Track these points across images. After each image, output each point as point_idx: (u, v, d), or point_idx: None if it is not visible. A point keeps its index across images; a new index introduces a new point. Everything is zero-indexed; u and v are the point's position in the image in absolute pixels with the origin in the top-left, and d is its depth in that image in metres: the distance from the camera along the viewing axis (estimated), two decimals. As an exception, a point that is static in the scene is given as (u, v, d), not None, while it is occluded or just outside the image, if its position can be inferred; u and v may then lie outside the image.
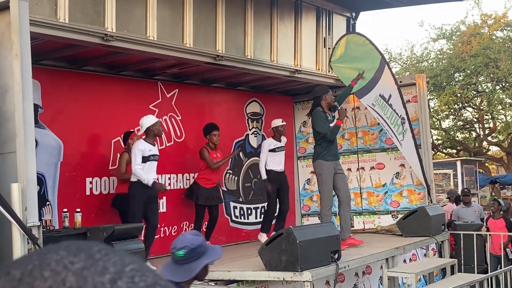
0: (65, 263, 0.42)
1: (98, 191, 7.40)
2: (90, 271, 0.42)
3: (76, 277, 0.41)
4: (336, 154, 7.32)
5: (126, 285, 0.42)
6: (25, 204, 4.28)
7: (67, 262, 0.42)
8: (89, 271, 0.42)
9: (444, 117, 23.95)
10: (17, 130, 4.40)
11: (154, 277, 0.44)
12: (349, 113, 9.91)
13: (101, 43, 6.16)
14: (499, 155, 26.35)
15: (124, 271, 0.43)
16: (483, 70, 20.79)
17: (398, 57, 24.54)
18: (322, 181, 7.22)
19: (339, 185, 7.26)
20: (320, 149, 7.24)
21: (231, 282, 5.60)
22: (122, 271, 0.43)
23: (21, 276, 0.42)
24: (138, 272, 0.43)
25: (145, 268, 0.45)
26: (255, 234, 9.07)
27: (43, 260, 0.43)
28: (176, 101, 8.41)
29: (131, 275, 0.43)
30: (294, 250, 5.25)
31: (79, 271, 0.42)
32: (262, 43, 8.18)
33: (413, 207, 8.78)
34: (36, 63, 6.14)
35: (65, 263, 0.42)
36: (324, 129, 7.13)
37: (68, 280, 0.41)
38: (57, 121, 7.03)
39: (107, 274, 0.42)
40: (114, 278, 0.42)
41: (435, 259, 8.16)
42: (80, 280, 0.41)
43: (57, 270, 0.42)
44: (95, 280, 0.41)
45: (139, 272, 0.43)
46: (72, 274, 0.41)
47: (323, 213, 7.17)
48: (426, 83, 9.56)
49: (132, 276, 0.43)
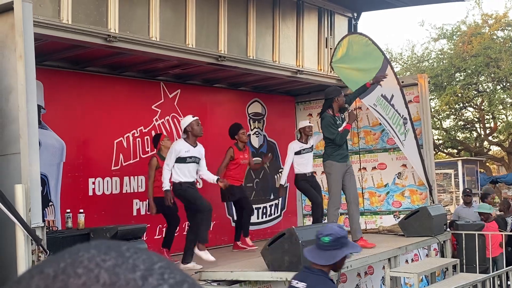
0: (97, 261, 0.43)
1: (101, 191, 7.41)
2: (122, 268, 0.43)
3: (108, 274, 0.42)
4: (346, 155, 7.27)
5: (157, 282, 0.43)
6: (29, 205, 4.29)
7: (99, 260, 0.44)
8: (120, 268, 0.43)
9: (445, 117, 23.96)
10: (21, 131, 4.41)
11: (182, 275, 0.46)
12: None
13: (104, 44, 6.17)
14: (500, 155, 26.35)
15: (153, 268, 0.44)
16: (484, 70, 20.80)
17: (399, 57, 24.55)
18: (332, 181, 7.21)
19: (348, 185, 7.25)
20: (330, 150, 7.23)
21: (234, 282, 5.61)
22: (152, 269, 0.44)
23: (55, 274, 0.43)
24: (167, 270, 0.45)
25: (173, 266, 0.46)
26: (258, 234, 9.09)
27: (76, 258, 0.44)
28: (178, 101, 8.42)
29: (161, 272, 0.44)
30: (296, 250, 5.26)
31: (111, 268, 0.43)
32: (264, 43, 8.19)
33: (415, 207, 8.78)
34: (39, 64, 6.15)
35: (97, 261, 0.44)
36: (332, 135, 7.11)
37: (102, 276, 0.42)
38: (59, 121, 7.04)
39: (138, 271, 0.43)
40: (145, 275, 0.43)
41: (437, 259, 8.17)
42: (113, 277, 0.42)
43: (90, 267, 0.43)
44: (127, 277, 0.43)
45: (167, 269, 0.45)
46: (105, 271, 0.43)
47: (330, 213, 7.18)
48: (427, 83, 9.56)
49: (161, 273, 0.44)
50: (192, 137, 6.55)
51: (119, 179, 7.55)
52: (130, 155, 7.74)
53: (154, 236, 7.81)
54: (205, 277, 5.66)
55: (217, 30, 7.41)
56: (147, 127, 7.97)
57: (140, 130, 7.90)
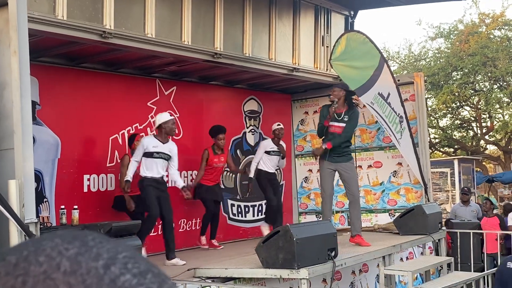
0: (60, 250, 0.43)
1: (96, 188, 7.41)
2: (84, 257, 0.43)
3: (70, 262, 0.42)
4: (335, 156, 7.10)
5: (119, 271, 0.43)
6: (23, 201, 4.28)
7: (62, 248, 0.44)
8: (83, 256, 0.43)
9: (442, 116, 23.98)
10: (15, 127, 4.40)
11: (147, 265, 0.45)
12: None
13: (99, 40, 6.16)
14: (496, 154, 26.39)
15: (117, 257, 0.44)
16: (480, 69, 20.82)
17: (396, 55, 24.57)
18: (320, 177, 7.37)
19: (346, 184, 7.26)
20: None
21: (228, 279, 5.61)
22: (115, 258, 0.44)
23: (16, 262, 0.43)
24: (131, 260, 0.45)
25: (138, 256, 0.46)
26: (253, 231, 9.10)
27: (38, 246, 0.44)
28: (174, 98, 8.41)
29: (125, 262, 0.44)
30: (291, 248, 5.26)
31: (73, 256, 0.43)
32: (260, 41, 8.18)
33: (410, 205, 8.79)
34: (34, 60, 6.14)
35: (59, 249, 0.43)
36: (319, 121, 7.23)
37: (63, 264, 0.42)
38: (54, 118, 7.02)
39: (101, 260, 0.43)
40: (108, 264, 0.43)
41: (432, 257, 8.19)
42: (75, 265, 0.42)
43: (52, 255, 0.43)
44: (89, 265, 0.42)
45: (132, 259, 0.45)
46: (67, 260, 0.43)
47: (323, 209, 7.29)
48: (424, 81, 9.57)
49: (125, 262, 0.44)
50: (163, 134, 6.64)
51: (114, 176, 7.54)
52: (125, 152, 7.73)
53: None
54: (199, 274, 5.66)
55: (213, 27, 7.41)
56: (142, 124, 7.96)
57: (136, 127, 7.89)
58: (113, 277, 0.42)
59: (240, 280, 5.65)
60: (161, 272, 0.46)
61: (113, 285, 0.42)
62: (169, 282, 0.46)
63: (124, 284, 0.42)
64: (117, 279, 0.42)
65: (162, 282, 0.45)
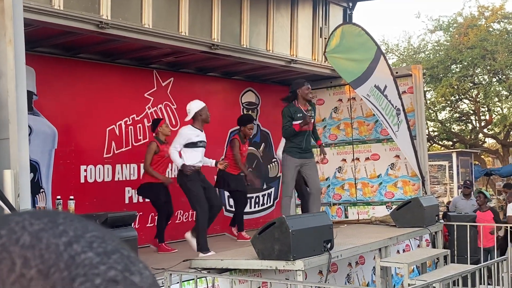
0: (25, 224, 0.43)
1: (93, 179, 7.40)
2: (48, 232, 0.43)
3: (31, 237, 0.42)
4: (301, 152, 7.15)
5: (81, 249, 0.42)
6: (18, 190, 4.27)
7: (27, 223, 0.43)
8: (46, 232, 0.43)
9: (441, 109, 23.97)
10: (10, 116, 4.38)
11: (116, 245, 0.45)
12: (345, 103, 9.91)
13: (96, 31, 6.14)
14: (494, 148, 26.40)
15: (83, 236, 0.43)
16: (480, 62, 20.79)
17: (395, 48, 24.53)
18: (283, 171, 7.31)
19: (308, 178, 7.28)
20: (287, 143, 7.28)
21: (224, 270, 5.61)
22: (81, 236, 0.43)
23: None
24: (98, 239, 0.44)
25: (109, 237, 0.45)
26: (250, 223, 9.10)
27: (4, 220, 0.44)
28: (171, 89, 8.40)
29: (90, 241, 0.43)
30: (286, 239, 5.26)
31: (35, 232, 0.43)
32: (258, 32, 8.15)
33: (408, 198, 8.79)
34: (31, 50, 6.13)
35: (24, 224, 0.43)
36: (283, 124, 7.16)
37: (23, 238, 0.42)
38: (51, 108, 7.01)
39: (65, 237, 0.43)
40: (71, 241, 0.43)
41: (428, 250, 8.19)
42: (35, 240, 0.42)
43: (15, 229, 0.43)
44: (50, 241, 0.42)
45: (99, 239, 0.44)
46: (28, 234, 0.42)
47: (282, 202, 7.26)
48: (422, 74, 9.55)
49: (91, 241, 0.43)
50: (200, 122, 6.51)
51: (111, 166, 7.54)
52: (122, 143, 7.73)
53: (146, 224, 7.81)
54: (195, 265, 5.67)
55: (210, 18, 7.38)
56: (139, 115, 7.95)
57: (133, 118, 7.88)
58: (73, 254, 0.42)
59: (236, 271, 5.66)
60: (132, 255, 0.45)
61: (72, 261, 0.41)
62: (140, 265, 0.44)
63: (84, 261, 0.42)
64: (77, 256, 0.42)
65: (129, 264, 0.44)
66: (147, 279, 0.44)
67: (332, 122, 10.03)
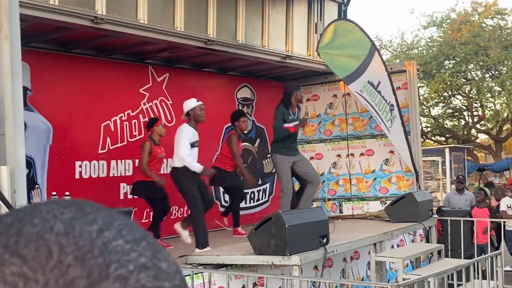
0: (56, 213, 0.45)
1: (88, 175, 7.39)
2: (79, 221, 0.44)
3: (64, 225, 0.43)
4: (291, 150, 7.31)
5: (112, 236, 0.44)
6: (14, 186, 4.27)
7: (58, 212, 0.45)
8: (77, 221, 0.44)
9: (434, 105, 24.05)
10: (6, 112, 4.37)
11: (143, 234, 0.46)
12: (339, 99, 9.93)
13: (91, 26, 6.12)
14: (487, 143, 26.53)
15: (112, 224, 0.45)
16: (472, 58, 20.87)
17: (389, 44, 24.59)
18: (279, 173, 7.39)
19: (304, 170, 7.37)
20: (274, 145, 7.40)
21: (220, 266, 5.63)
22: (110, 224, 0.45)
23: (12, 222, 0.44)
24: (126, 227, 0.46)
25: (134, 225, 0.47)
26: (245, 219, 9.10)
27: (35, 210, 0.45)
28: (166, 85, 8.39)
29: (119, 229, 0.45)
30: (283, 235, 5.28)
31: (68, 220, 0.44)
32: (253, 28, 8.15)
33: (402, 193, 8.83)
34: (26, 45, 6.08)
35: (55, 213, 0.45)
36: (276, 125, 7.27)
37: (56, 227, 0.43)
38: (46, 104, 6.99)
39: (95, 225, 0.44)
40: (102, 229, 0.44)
41: (423, 245, 8.24)
42: (68, 228, 0.43)
43: (47, 218, 0.44)
44: (83, 229, 0.43)
45: (127, 227, 0.46)
46: (61, 223, 0.44)
47: (282, 202, 7.30)
48: (416, 70, 9.58)
49: (120, 229, 0.45)
50: (193, 121, 6.47)
51: (106, 162, 7.53)
52: (117, 138, 7.72)
53: (142, 220, 7.80)
54: (191, 261, 5.68)
55: (206, 14, 7.37)
56: (134, 110, 7.94)
57: (128, 113, 7.87)
58: (106, 240, 0.43)
59: (232, 266, 5.67)
60: (157, 243, 0.47)
61: (105, 248, 0.43)
62: (164, 252, 0.46)
63: (116, 248, 0.43)
64: (109, 243, 0.43)
65: (156, 251, 0.45)
66: (173, 265, 0.46)
67: (327, 117, 10.05)
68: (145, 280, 0.43)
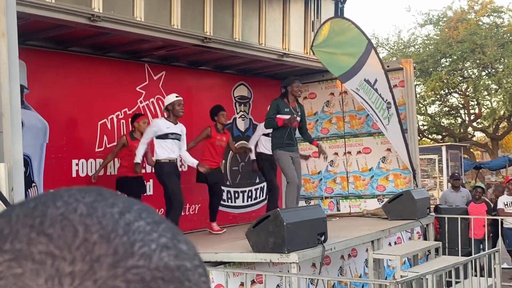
0: (77, 197, 0.46)
1: (85, 173, 7.38)
2: (100, 204, 0.46)
3: (87, 207, 0.45)
4: (288, 145, 7.43)
5: (133, 218, 0.46)
6: (12, 184, 4.25)
7: (79, 196, 0.46)
8: (99, 203, 0.46)
9: (430, 103, 24.08)
10: (3, 110, 4.35)
11: (161, 217, 0.48)
12: (336, 97, 9.93)
13: (87, 24, 6.10)
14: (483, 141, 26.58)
15: (132, 207, 0.47)
16: (469, 56, 20.90)
17: (385, 42, 24.61)
18: (283, 166, 7.52)
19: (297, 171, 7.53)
20: (273, 140, 7.56)
21: (218, 263, 5.62)
22: (130, 207, 0.47)
23: (35, 205, 0.46)
24: (145, 211, 0.48)
25: (152, 210, 0.49)
26: (243, 217, 9.11)
27: (56, 194, 0.47)
28: (163, 83, 8.37)
29: (139, 212, 0.47)
30: (281, 232, 5.28)
31: (89, 203, 0.46)
32: (250, 26, 8.14)
33: (399, 191, 8.83)
34: (22, 43, 6.06)
35: (77, 197, 0.46)
36: (267, 115, 7.44)
37: (80, 208, 0.45)
38: (43, 102, 6.97)
39: (116, 207, 0.46)
40: (123, 211, 0.46)
41: (420, 242, 8.25)
42: (91, 209, 0.45)
43: (69, 201, 0.46)
44: (105, 210, 0.45)
45: (146, 211, 0.48)
46: (84, 205, 0.45)
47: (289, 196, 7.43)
48: (413, 68, 9.58)
49: (139, 212, 0.47)
50: (172, 116, 6.77)
51: (103, 160, 7.51)
52: (114, 136, 7.70)
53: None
54: (189, 258, 5.66)
55: (202, 12, 7.36)
56: (131, 108, 7.92)
57: (125, 111, 7.85)
58: (128, 221, 0.45)
59: (230, 264, 5.67)
60: (174, 226, 0.49)
61: (128, 228, 0.45)
62: (183, 236, 0.48)
63: (138, 228, 0.45)
64: (131, 223, 0.45)
65: (176, 234, 0.47)
66: (192, 248, 0.47)
67: (324, 116, 10.05)
68: (167, 258, 0.44)
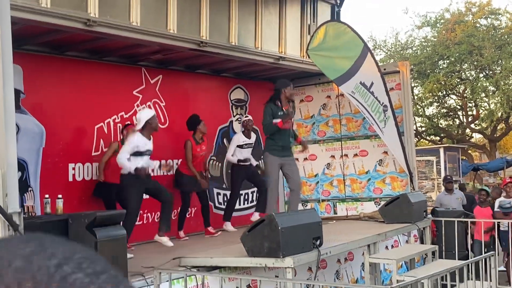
0: (15, 249, 0.45)
1: (81, 177, 7.37)
2: (38, 256, 0.44)
3: (22, 261, 0.44)
4: (282, 150, 7.33)
5: (71, 270, 0.44)
6: (6, 190, 4.24)
7: (17, 248, 0.45)
8: (37, 256, 0.44)
9: (428, 104, 24.09)
10: (-3, 115, 4.35)
11: (104, 266, 0.46)
12: (333, 100, 9.94)
13: (84, 29, 6.10)
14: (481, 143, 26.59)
15: (72, 258, 0.45)
16: (467, 57, 20.92)
17: (383, 44, 24.61)
18: (267, 171, 7.47)
19: (290, 174, 7.46)
20: (267, 142, 7.46)
21: (214, 268, 5.62)
22: (69, 258, 0.45)
23: None
24: (86, 260, 0.45)
25: (96, 258, 0.46)
26: (239, 220, 9.11)
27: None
28: (160, 87, 8.38)
29: (79, 262, 0.45)
30: (276, 237, 5.27)
31: (26, 255, 0.44)
32: (246, 29, 8.15)
33: (396, 194, 8.84)
34: (18, 48, 6.07)
35: (14, 249, 0.45)
36: (264, 122, 7.29)
37: (15, 263, 0.44)
38: (39, 106, 6.97)
39: (54, 259, 0.44)
40: (61, 263, 0.44)
41: (417, 246, 8.25)
42: (26, 263, 0.43)
43: (4, 255, 0.44)
44: (41, 263, 0.44)
45: (88, 260, 0.46)
46: (20, 258, 0.44)
47: (269, 201, 7.37)
48: (409, 70, 9.59)
49: (80, 262, 0.45)
50: (149, 130, 6.58)
51: (99, 164, 7.50)
52: (110, 140, 7.70)
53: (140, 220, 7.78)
54: (185, 263, 5.67)
55: (199, 16, 7.36)
56: (128, 112, 7.93)
57: (121, 115, 7.86)
58: (64, 275, 0.43)
59: (225, 269, 5.67)
60: (119, 274, 0.46)
61: (64, 282, 0.43)
62: (127, 284, 0.46)
63: (75, 282, 0.43)
64: (68, 276, 0.43)
65: (118, 283, 0.45)
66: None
67: (320, 118, 10.06)
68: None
